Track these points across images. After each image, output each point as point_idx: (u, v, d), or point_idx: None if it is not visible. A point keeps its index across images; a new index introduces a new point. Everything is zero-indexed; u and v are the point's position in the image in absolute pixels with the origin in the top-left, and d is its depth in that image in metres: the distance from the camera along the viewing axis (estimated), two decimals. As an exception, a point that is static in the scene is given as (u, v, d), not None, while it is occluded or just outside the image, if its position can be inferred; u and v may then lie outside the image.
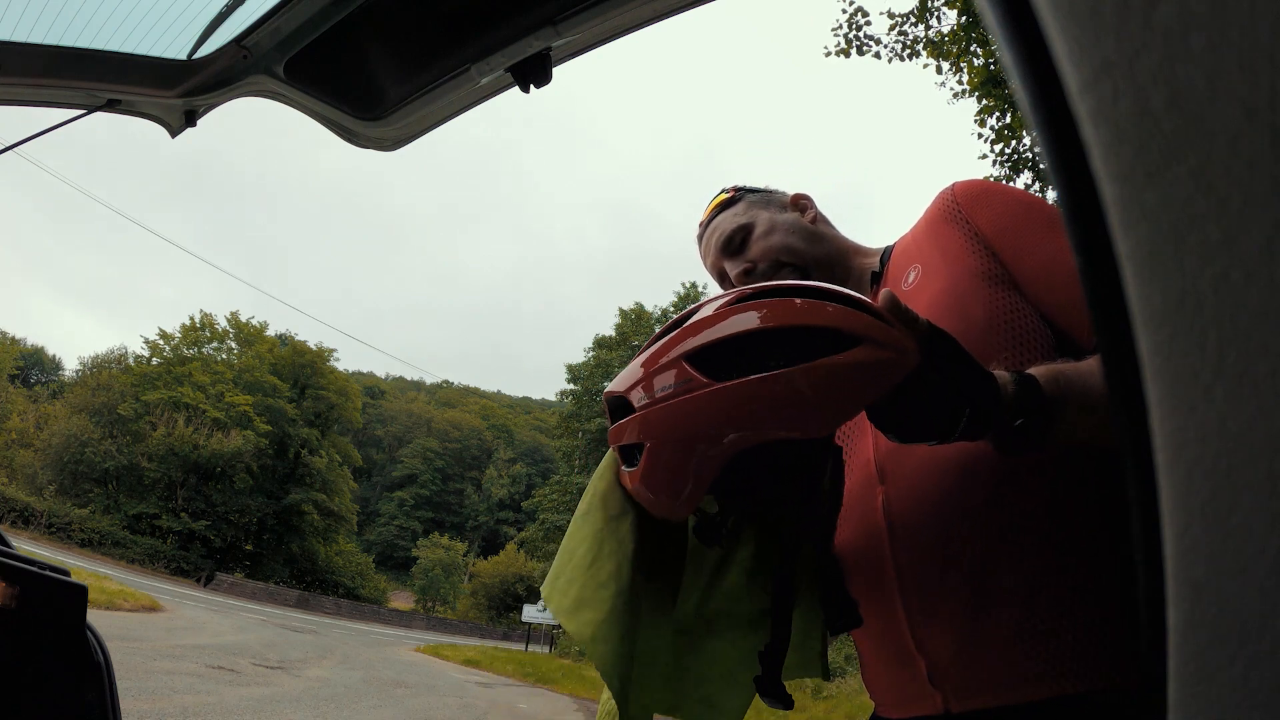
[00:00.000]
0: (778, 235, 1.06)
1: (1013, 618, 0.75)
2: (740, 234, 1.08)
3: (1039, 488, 0.77)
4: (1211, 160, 0.21)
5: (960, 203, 0.92)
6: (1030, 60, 0.24)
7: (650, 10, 1.10)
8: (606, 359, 31.33)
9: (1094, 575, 0.74)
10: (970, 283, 0.85)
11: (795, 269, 1.04)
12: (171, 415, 35.19)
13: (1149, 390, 0.23)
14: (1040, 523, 0.77)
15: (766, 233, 1.07)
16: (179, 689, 6.64)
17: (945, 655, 0.80)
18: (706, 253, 1.14)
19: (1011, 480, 0.78)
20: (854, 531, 0.88)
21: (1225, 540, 0.22)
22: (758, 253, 1.06)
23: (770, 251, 1.05)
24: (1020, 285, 0.85)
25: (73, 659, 1.09)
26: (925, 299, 0.89)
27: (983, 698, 0.78)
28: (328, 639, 17.98)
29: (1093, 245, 0.23)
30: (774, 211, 1.10)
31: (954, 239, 0.90)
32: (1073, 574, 0.75)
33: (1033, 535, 0.76)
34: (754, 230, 1.08)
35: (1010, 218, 0.88)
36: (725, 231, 1.09)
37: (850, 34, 8.39)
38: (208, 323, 40.99)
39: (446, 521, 72.17)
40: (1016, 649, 0.75)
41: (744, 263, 1.06)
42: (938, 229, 0.93)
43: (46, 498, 30.89)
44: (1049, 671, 0.73)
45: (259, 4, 1.15)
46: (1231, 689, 0.23)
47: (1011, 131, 7.58)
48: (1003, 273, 0.86)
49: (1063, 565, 0.75)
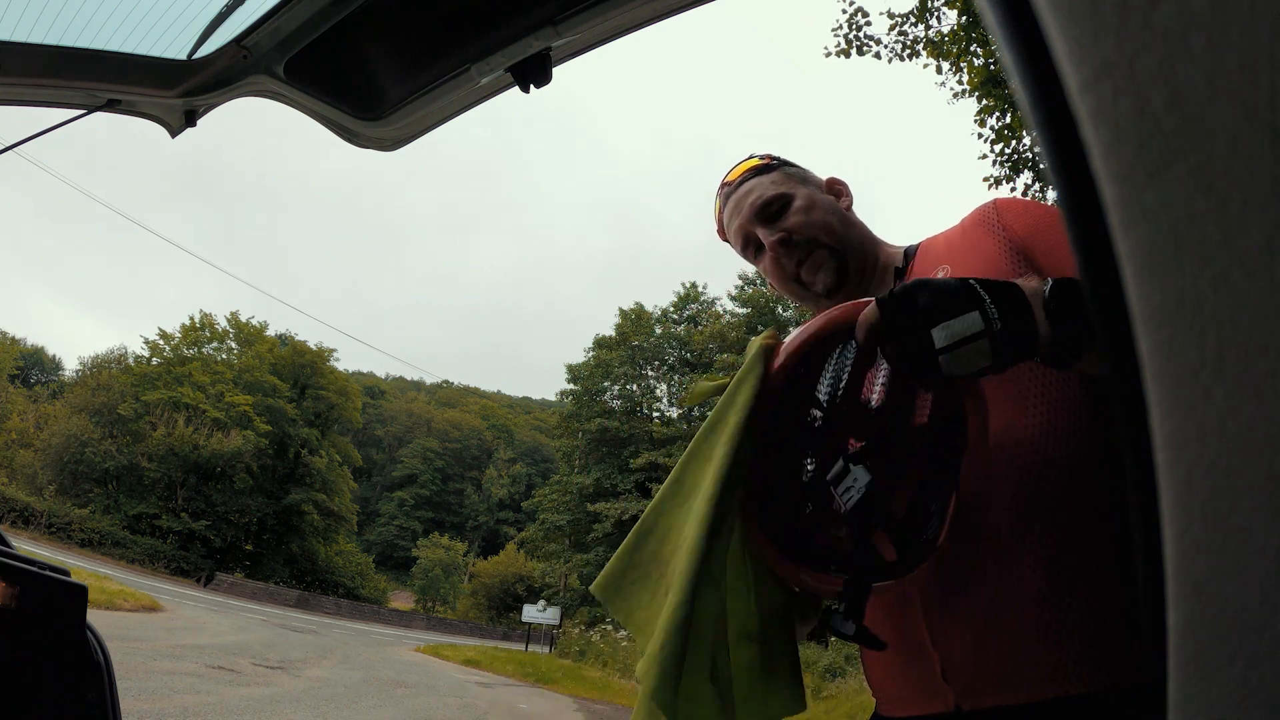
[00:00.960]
0: (818, 213, 1.05)
1: (1030, 616, 0.76)
2: (779, 202, 1.06)
3: (1065, 489, 0.79)
4: (1211, 160, 0.21)
5: (1000, 213, 0.95)
6: (1030, 60, 0.24)
7: (650, 10, 1.10)
8: (606, 359, 31.34)
9: (1110, 578, 0.75)
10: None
11: (831, 250, 1.04)
12: (171, 415, 35.18)
13: (1149, 390, 0.23)
14: (1065, 521, 0.78)
15: (807, 208, 1.05)
16: (179, 689, 6.64)
17: (961, 651, 0.81)
18: (735, 213, 1.10)
19: (1037, 480, 0.79)
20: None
21: (1225, 540, 0.22)
22: (796, 224, 1.04)
23: (810, 227, 1.04)
24: None
25: (73, 659, 1.09)
26: None
27: (994, 696, 0.78)
28: (328, 639, 17.98)
29: (1093, 245, 0.24)
30: (813, 189, 1.10)
31: (989, 246, 0.92)
32: (1092, 576, 0.76)
33: (1057, 534, 0.78)
34: (794, 202, 1.06)
35: (1044, 223, 0.90)
36: (764, 197, 1.07)
37: (850, 34, 8.38)
38: (208, 323, 40.99)
39: (446, 521, 72.16)
40: (1032, 648, 0.76)
41: (780, 231, 1.05)
42: (972, 236, 0.95)
43: (46, 498, 30.88)
44: (1061, 671, 0.74)
45: (259, 4, 1.15)
46: (1231, 689, 0.23)
47: (1011, 131, 7.58)
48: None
49: (1084, 566, 0.76)
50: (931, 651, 0.83)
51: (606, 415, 30.28)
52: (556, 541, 30.70)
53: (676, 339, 31.64)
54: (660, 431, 28.91)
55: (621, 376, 31.41)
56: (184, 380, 36.69)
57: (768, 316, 29.10)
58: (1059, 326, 0.62)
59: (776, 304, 29.65)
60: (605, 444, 30.13)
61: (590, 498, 28.82)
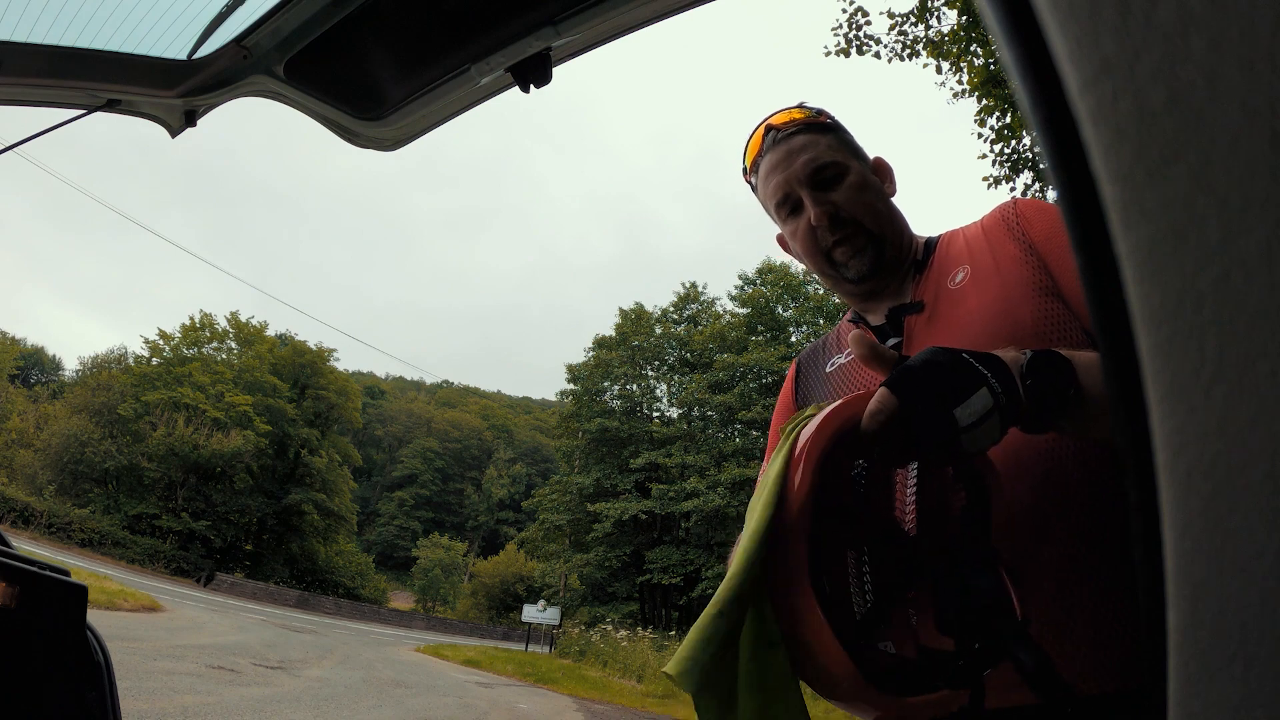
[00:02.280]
0: (869, 194, 1.02)
1: (1036, 617, 0.76)
2: (834, 170, 1.02)
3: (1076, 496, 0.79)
4: (1211, 160, 0.21)
5: (1020, 215, 0.95)
6: (1030, 60, 0.24)
7: (650, 10, 1.10)
8: (606, 359, 31.33)
9: (1116, 582, 0.76)
10: (1021, 291, 0.88)
11: (871, 237, 1.01)
12: (171, 415, 35.16)
13: (1149, 390, 0.23)
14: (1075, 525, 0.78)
15: (860, 185, 1.02)
16: (179, 689, 6.64)
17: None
18: (783, 164, 1.03)
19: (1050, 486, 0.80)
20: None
21: (1225, 540, 0.22)
22: (846, 200, 1.01)
23: (860, 207, 1.01)
24: (1063, 295, 0.86)
25: (73, 659, 1.09)
26: (975, 304, 0.91)
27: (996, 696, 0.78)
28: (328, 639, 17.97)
29: (1093, 245, 0.23)
30: (864, 167, 1.05)
31: (1009, 249, 0.92)
32: (1098, 579, 0.76)
33: (1065, 536, 0.78)
34: (848, 176, 1.02)
35: (1059, 229, 0.90)
36: (819, 160, 1.01)
37: (850, 34, 8.39)
38: (207, 323, 40.98)
39: (446, 521, 72.15)
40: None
41: (828, 204, 1.01)
42: (993, 237, 0.95)
43: (46, 498, 30.86)
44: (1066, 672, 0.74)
45: (259, 4, 1.15)
46: (1231, 689, 0.23)
47: (1011, 131, 7.58)
48: (1052, 284, 0.87)
49: (1091, 570, 0.77)
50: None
51: (606, 415, 30.28)
52: (556, 541, 30.70)
53: (676, 339, 31.64)
54: (660, 431, 28.91)
55: (621, 376, 31.40)
56: (184, 380, 36.68)
57: (767, 316, 29.12)
58: (1035, 398, 0.64)
59: (777, 304, 29.69)
60: (605, 444, 30.13)
61: (590, 498, 28.81)
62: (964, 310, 0.92)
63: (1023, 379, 0.64)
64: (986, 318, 0.88)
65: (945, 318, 0.94)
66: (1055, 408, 0.64)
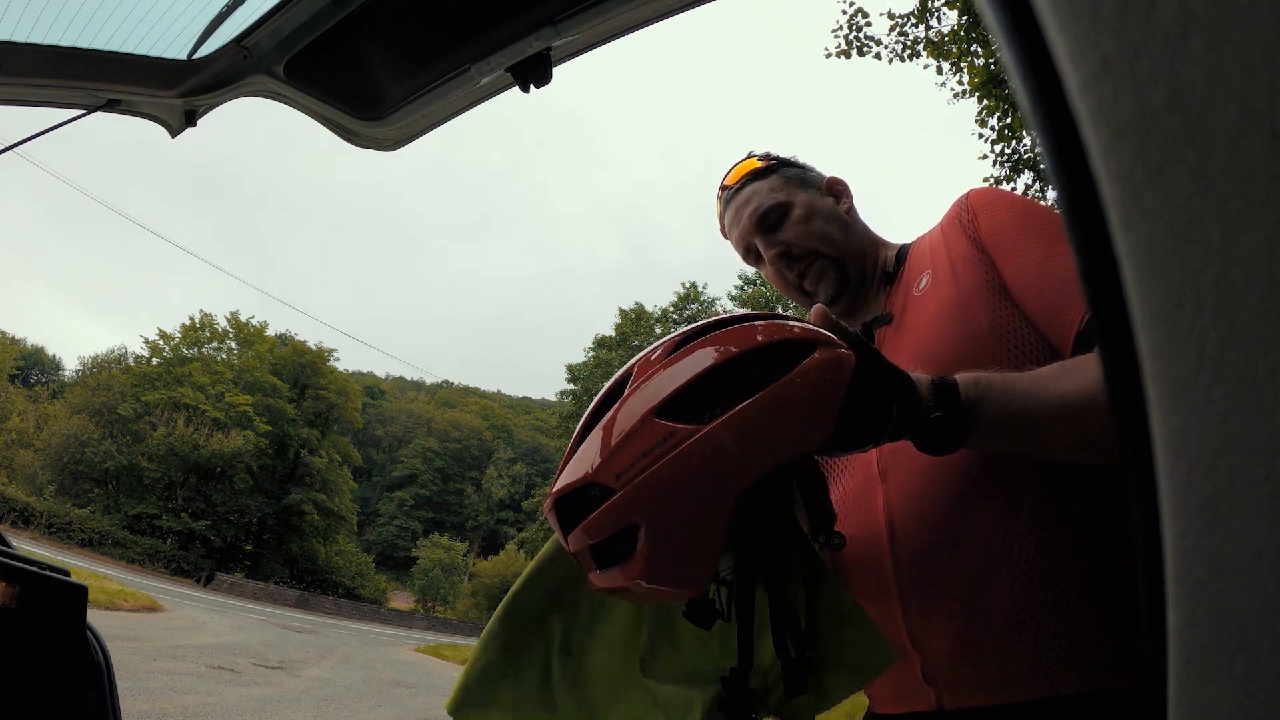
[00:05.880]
0: (817, 222, 1.04)
1: (1008, 617, 0.75)
2: (777, 212, 1.05)
3: (1039, 489, 0.77)
4: (1211, 160, 0.21)
5: (972, 210, 0.94)
6: (1030, 60, 0.24)
7: (650, 10, 1.10)
8: (606, 359, 31.32)
9: (1091, 577, 0.74)
10: (977, 295, 0.86)
11: (831, 261, 1.03)
12: (171, 415, 35.19)
13: (1149, 390, 0.23)
14: (1039, 523, 0.77)
15: (805, 217, 1.04)
16: (179, 689, 6.64)
17: (940, 653, 0.80)
18: (735, 222, 1.09)
19: (1011, 481, 0.78)
20: (854, 529, 0.88)
21: (1225, 540, 0.22)
22: (794, 236, 1.03)
23: (809, 238, 1.03)
24: (1010, 294, 0.85)
25: (73, 659, 1.09)
26: (933, 306, 0.90)
27: (975, 696, 0.78)
28: (328, 639, 17.97)
29: (1093, 245, 0.23)
30: (812, 194, 1.08)
31: (964, 249, 0.91)
32: (1070, 575, 0.75)
33: (1032, 535, 0.77)
34: (792, 211, 1.05)
35: (1002, 225, 0.89)
36: (762, 207, 1.06)
37: (850, 35, 8.39)
38: (207, 323, 41.00)
39: (446, 521, 72.12)
40: (1011, 648, 0.75)
41: (779, 244, 1.04)
42: (950, 238, 0.95)
43: (46, 498, 30.87)
44: (1043, 672, 0.73)
45: (259, 4, 1.15)
46: (1231, 689, 0.23)
47: (1012, 131, 7.58)
48: (1001, 283, 0.86)
49: (1061, 566, 0.75)
50: (912, 652, 0.82)
51: (606, 415, 30.21)
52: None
53: (676, 339, 31.58)
54: (660, 431, 28.85)
55: (621, 376, 31.35)
56: (184, 380, 36.72)
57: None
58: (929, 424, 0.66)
59: (777, 303, 29.67)
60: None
61: (590, 498, 28.76)
62: (926, 317, 0.91)
63: (929, 410, 0.66)
64: (944, 323, 0.86)
65: (909, 326, 0.93)
66: (953, 435, 0.67)
